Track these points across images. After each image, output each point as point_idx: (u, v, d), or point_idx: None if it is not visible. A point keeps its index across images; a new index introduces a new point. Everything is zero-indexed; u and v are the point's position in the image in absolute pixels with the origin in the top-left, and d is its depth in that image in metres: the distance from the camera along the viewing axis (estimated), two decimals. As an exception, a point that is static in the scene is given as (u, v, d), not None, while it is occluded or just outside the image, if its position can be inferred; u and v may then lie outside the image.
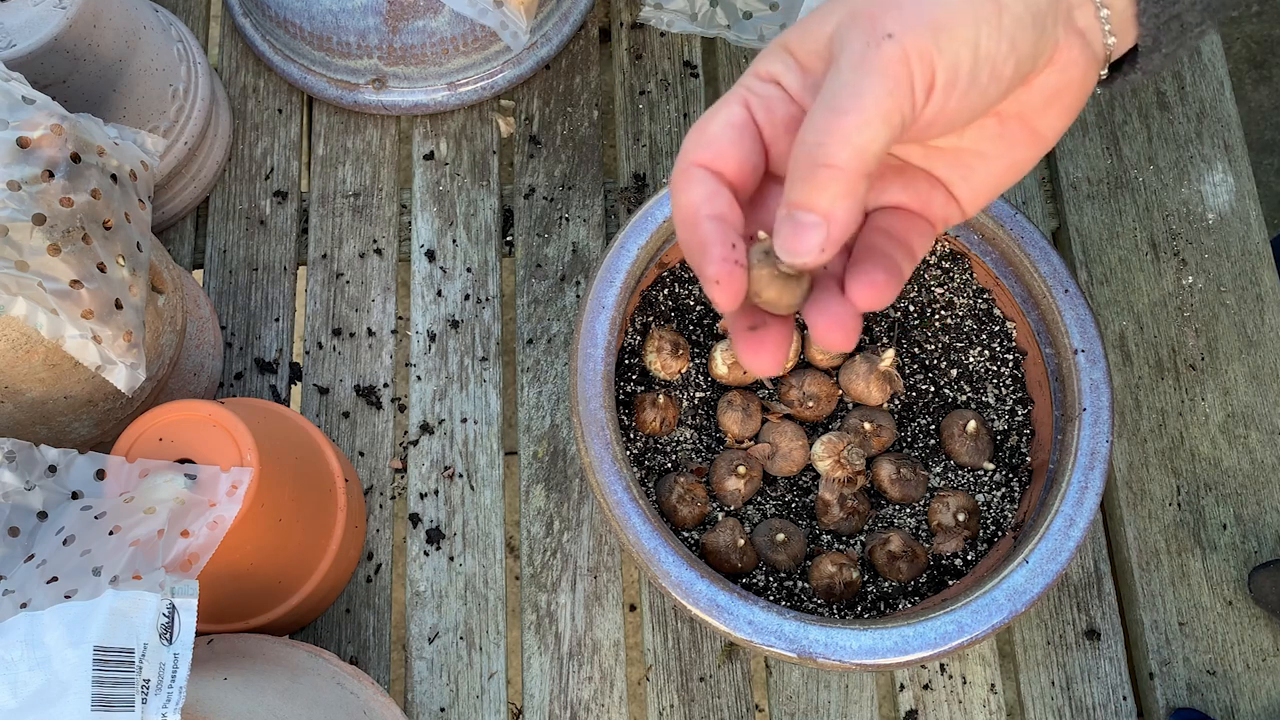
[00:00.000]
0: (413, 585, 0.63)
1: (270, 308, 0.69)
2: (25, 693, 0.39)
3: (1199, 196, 0.71)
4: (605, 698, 0.61)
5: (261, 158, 0.72)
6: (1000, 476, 0.59)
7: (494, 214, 0.71)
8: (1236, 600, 0.63)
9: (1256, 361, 0.67)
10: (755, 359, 0.35)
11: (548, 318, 0.69)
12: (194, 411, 0.50)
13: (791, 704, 0.61)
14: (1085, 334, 0.56)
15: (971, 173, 0.36)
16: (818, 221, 0.31)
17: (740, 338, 0.35)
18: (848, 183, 0.31)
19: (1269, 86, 1.49)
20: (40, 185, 0.46)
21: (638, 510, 0.52)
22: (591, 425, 0.53)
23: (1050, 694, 0.61)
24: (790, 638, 0.50)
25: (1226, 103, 0.74)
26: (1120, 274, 0.70)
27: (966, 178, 0.36)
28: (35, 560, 0.47)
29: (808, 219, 0.31)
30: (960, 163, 0.36)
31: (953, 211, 0.37)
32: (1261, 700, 0.61)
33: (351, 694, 0.54)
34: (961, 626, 0.50)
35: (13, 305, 0.46)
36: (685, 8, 0.74)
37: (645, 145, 0.73)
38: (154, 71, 0.63)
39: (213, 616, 0.55)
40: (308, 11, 0.68)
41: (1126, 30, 0.35)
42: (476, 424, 0.66)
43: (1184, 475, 0.65)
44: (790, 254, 0.32)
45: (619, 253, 0.57)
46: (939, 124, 0.33)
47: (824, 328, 0.33)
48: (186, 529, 0.47)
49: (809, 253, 0.31)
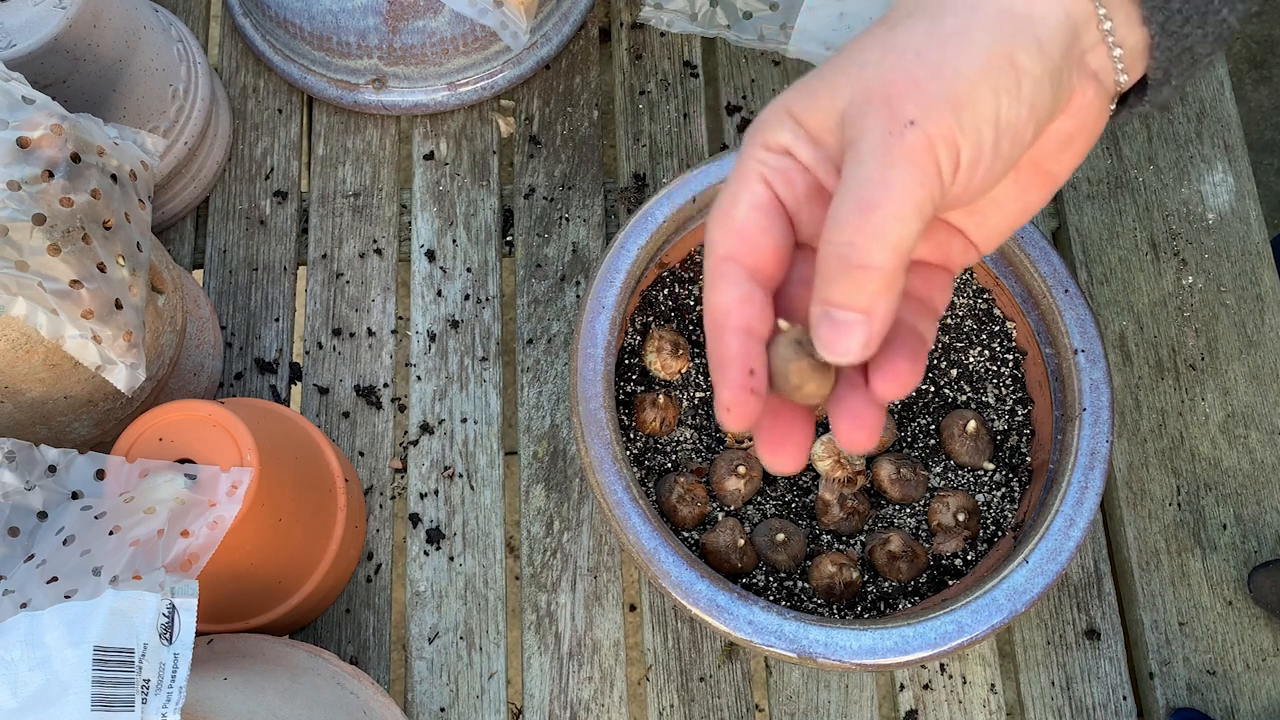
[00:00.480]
0: (413, 585, 0.63)
1: (270, 308, 0.69)
2: (25, 693, 0.39)
3: (1199, 196, 0.71)
4: (605, 698, 0.61)
5: (261, 158, 0.72)
6: (1000, 476, 0.59)
7: (494, 214, 0.71)
8: (1236, 600, 0.63)
9: (1256, 361, 0.67)
10: (778, 457, 0.33)
11: (548, 318, 0.69)
12: (194, 411, 0.50)
13: (791, 704, 0.61)
14: (1085, 334, 0.56)
15: (986, 219, 0.36)
16: (859, 319, 0.30)
17: (762, 435, 0.33)
18: (886, 280, 0.29)
19: (1269, 86, 1.49)
20: (40, 185, 0.46)
21: (638, 510, 0.52)
22: (591, 425, 0.53)
23: (1050, 694, 0.61)
24: (790, 638, 0.50)
25: (1226, 103, 0.74)
26: (1120, 274, 0.70)
27: (982, 224, 0.36)
28: (35, 560, 0.47)
29: (848, 317, 0.30)
30: (975, 211, 0.35)
31: (970, 254, 0.36)
32: (1261, 700, 0.61)
33: (351, 694, 0.54)
34: (961, 626, 0.50)
35: (13, 305, 0.46)
36: (685, 8, 0.74)
37: (645, 145, 0.73)
38: (154, 71, 0.63)
39: (213, 616, 0.55)
40: (308, 11, 0.68)
41: (1137, 65, 0.34)
42: (476, 424, 0.66)
43: (1184, 475, 0.65)
44: (833, 353, 0.30)
45: (619, 253, 0.57)
46: (964, 198, 0.32)
47: (847, 428, 0.32)
48: (186, 529, 0.47)
49: (851, 352, 0.30)
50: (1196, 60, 0.34)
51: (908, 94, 0.30)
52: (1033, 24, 0.31)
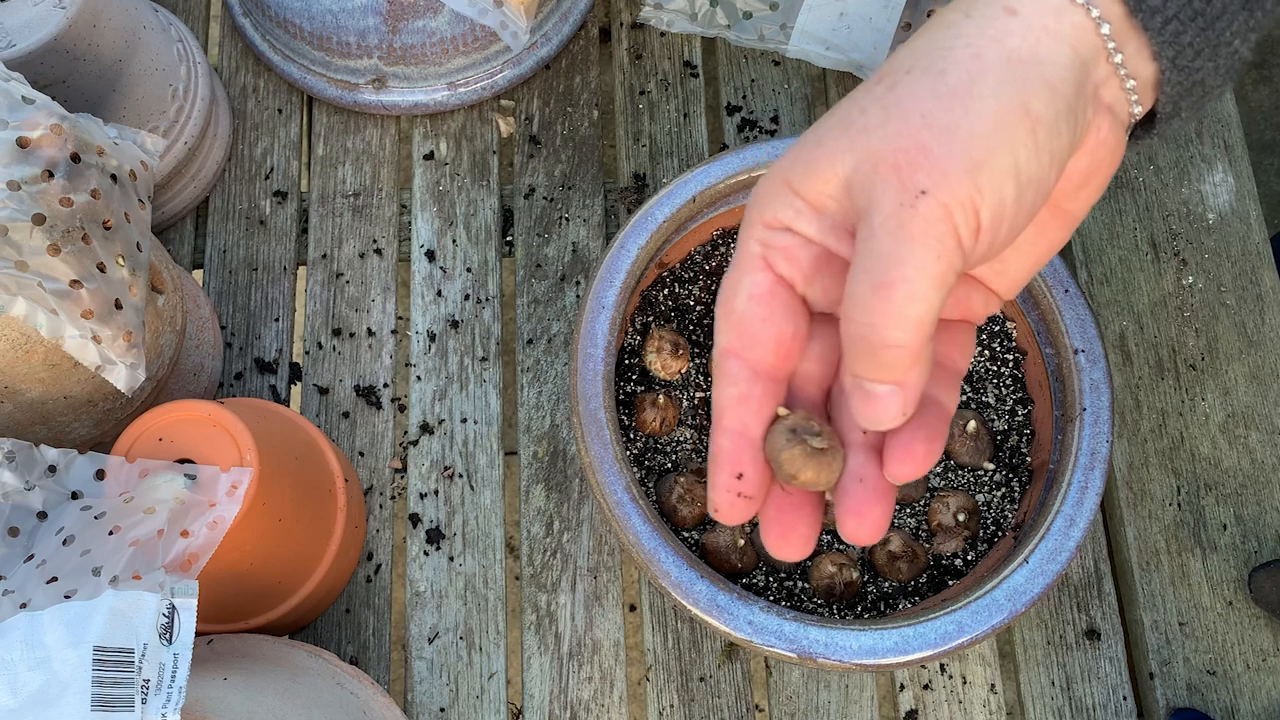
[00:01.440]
0: (413, 585, 0.63)
1: (270, 308, 0.69)
2: (25, 693, 0.39)
3: (1199, 196, 0.71)
4: (605, 698, 0.61)
5: (261, 158, 0.72)
6: (1000, 476, 0.59)
7: (494, 214, 0.71)
8: (1237, 600, 0.63)
9: (1256, 361, 0.67)
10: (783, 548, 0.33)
11: (548, 318, 0.69)
12: (194, 411, 0.50)
13: (791, 704, 0.61)
14: (1085, 334, 0.56)
15: (1007, 267, 0.35)
16: (891, 390, 0.29)
17: (767, 525, 0.33)
18: (912, 355, 0.29)
19: (1269, 86, 1.49)
20: (40, 185, 0.46)
21: (638, 510, 0.52)
22: (591, 425, 0.53)
23: (1050, 694, 0.61)
24: (790, 638, 0.50)
25: (1227, 103, 0.74)
26: (1120, 274, 0.70)
27: (1003, 273, 0.35)
28: (35, 560, 0.47)
29: (881, 390, 0.30)
30: (996, 261, 0.35)
31: (992, 304, 0.36)
32: (1261, 700, 0.61)
33: (351, 694, 0.54)
34: (961, 626, 0.50)
35: (13, 305, 0.46)
36: (685, 8, 0.74)
37: (645, 145, 0.73)
38: (154, 71, 0.63)
39: (213, 616, 0.55)
40: (308, 11, 0.68)
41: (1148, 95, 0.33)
42: (476, 424, 0.66)
43: (1184, 475, 0.65)
44: (871, 424, 0.30)
45: (619, 253, 0.57)
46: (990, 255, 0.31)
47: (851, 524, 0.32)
48: (186, 529, 0.47)
49: (892, 419, 0.30)
50: (1208, 93, 0.33)
51: (917, 162, 0.29)
52: (1041, 66, 0.30)
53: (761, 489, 0.32)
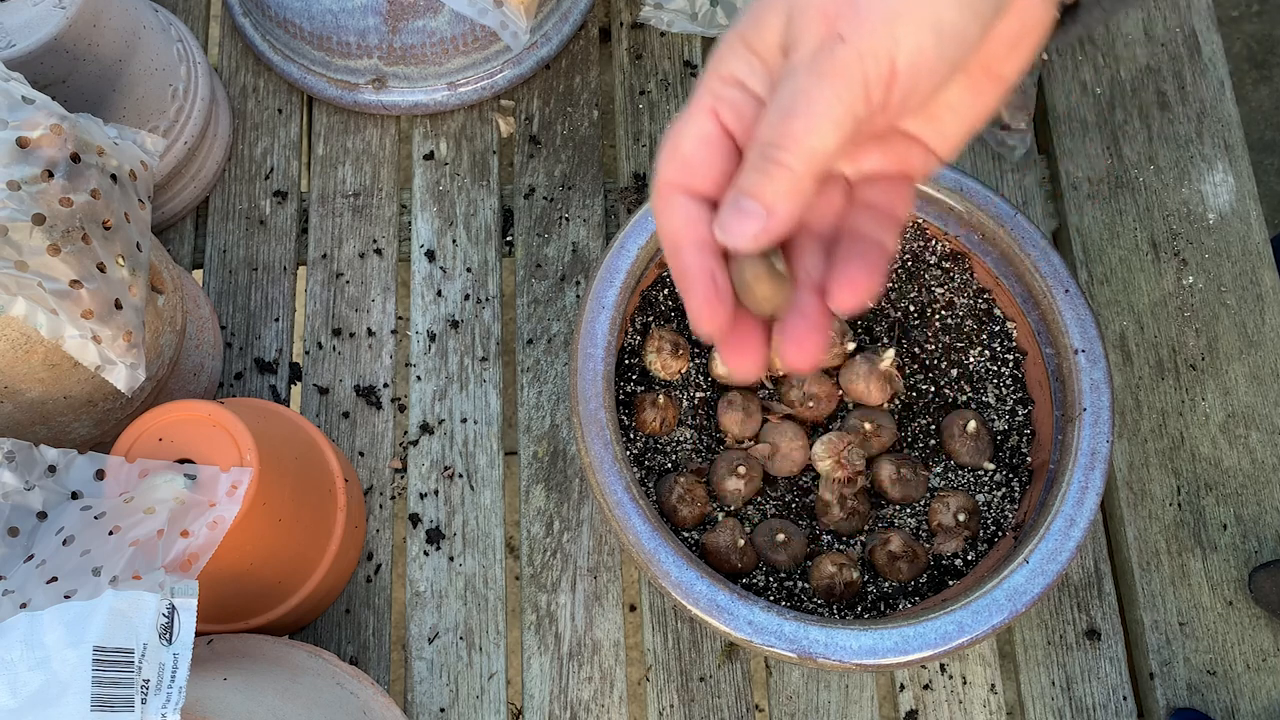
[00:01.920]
0: (413, 585, 0.63)
1: (270, 308, 0.69)
2: (25, 693, 0.39)
3: (1199, 196, 0.71)
4: (605, 698, 0.61)
5: (261, 158, 0.72)
6: (1000, 477, 0.59)
7: (494, 214, 0.71)
8: (1237, 600, 0.63)
9: (1256, 361, 0.67)
10: (740, 360, 0.36)
11: (548, 318, 0.69)
12: (194, 411, 0.50)
13: (791, 704, 0.61)
14: (1085, 334, 0.56)
15: (943, 125, 0.37)
16: (760, 211, 0.32)
17: (725, 343, 0.36)
18: (795, 182, 0.32)
19: (1269, 86, 1.49)
20: (40, 185, 0.46)
21: (638, 510, 0.52)
22: (591, 425, 0.53)
23: (1050, 694, 0.61)
24: (790, 638, 0.50)
25: (1227, 103, 0.74)
26: (1120, 274, 0.70)
27: (939, 130, 0.37)
28: (35, 560, 0.47)
29: (751, 206, 0.32)
30: (932, 117, 0.37)
31: (930, 162, 0.38)
32: (1261, 700, 0.61)
33: (351, 694, 0.54)
34: (962, 626, 0.50)
35: (13, 305, 0.46)
36: (685, 7, 0.74)
37: (645, 145, 0.73)
38: (154, 71, 0.63)
39: (213, 616, 0.55)
40: (308, 11, 0.68)
41: None
42: (476, 424, 0.66)
43: (1184, 475, 0.65)
44: (727, 235, 0.33)
45: (619, 253, 0.57)
46: (913, 101, 0.33)
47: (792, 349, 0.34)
48: (186, 529, 0.47)
49: (743, 237, 0.32)
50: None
51: (842, 12, 0.31)
52: None
53: (730, 296, 0.34)
